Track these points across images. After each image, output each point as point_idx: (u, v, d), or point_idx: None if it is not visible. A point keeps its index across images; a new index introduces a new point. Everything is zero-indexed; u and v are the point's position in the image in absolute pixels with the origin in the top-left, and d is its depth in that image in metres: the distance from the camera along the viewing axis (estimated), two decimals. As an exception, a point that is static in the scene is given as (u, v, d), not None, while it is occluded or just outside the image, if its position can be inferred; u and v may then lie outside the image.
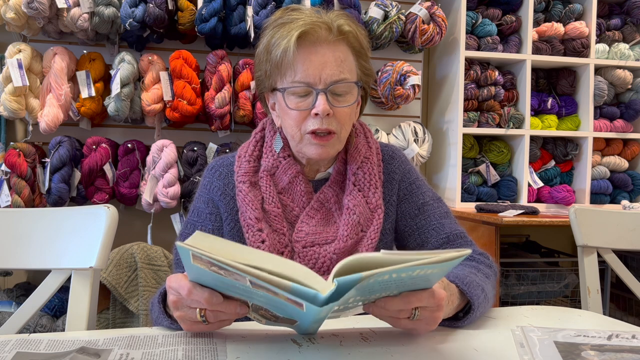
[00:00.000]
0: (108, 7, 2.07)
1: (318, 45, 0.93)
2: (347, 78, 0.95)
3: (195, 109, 2.15)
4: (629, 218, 1.31)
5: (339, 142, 0.99)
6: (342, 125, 0.97)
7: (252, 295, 0.67)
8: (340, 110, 0.95)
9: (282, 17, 0.97)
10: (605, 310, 2.37)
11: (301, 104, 0.95)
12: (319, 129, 0.94)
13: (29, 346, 0.72)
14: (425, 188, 1.10)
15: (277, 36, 0.95)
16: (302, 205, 1.02)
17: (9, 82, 2.01)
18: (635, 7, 2.73)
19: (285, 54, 0.92)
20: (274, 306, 0.69)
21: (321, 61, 0.93)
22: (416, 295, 0.71)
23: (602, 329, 0.86)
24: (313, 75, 0.93)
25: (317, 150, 0.97)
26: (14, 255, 1.03)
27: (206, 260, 0.62)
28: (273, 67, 0.96)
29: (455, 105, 2.51)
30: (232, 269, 0.60)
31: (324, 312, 0.65)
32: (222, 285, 0.68)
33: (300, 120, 0.96)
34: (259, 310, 0.73)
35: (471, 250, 0.67)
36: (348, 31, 0.96)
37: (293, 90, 0.95)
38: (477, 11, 2.57)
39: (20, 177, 2.05)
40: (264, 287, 0.62)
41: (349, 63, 0.96)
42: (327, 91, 0.93)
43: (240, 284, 0.64)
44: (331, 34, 0.94)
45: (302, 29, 0.92)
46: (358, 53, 0.99)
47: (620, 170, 2.73)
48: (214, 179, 1.06)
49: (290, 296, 0.61)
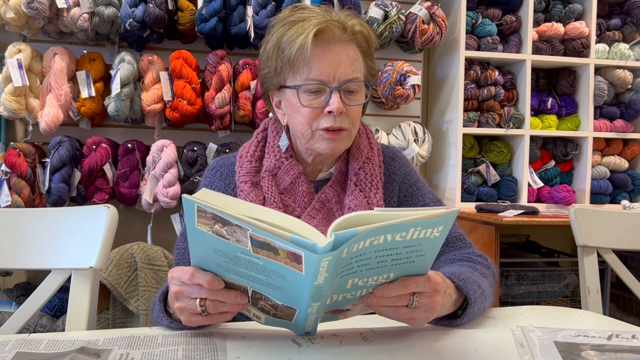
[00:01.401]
0: (108, 7, 2.07)
1: (333, 43, 0.94)
2: (359, 77, 0.97)
3: (195, 109, 2.15)
4: (629, 218, 1.31)
5: (349, 139, 1.00)
6: (353, 123, 0.99)
7: (252, 269, 0.68)
8: (353, 109, 0.97)
9: (293, 14, 0.98)
10: (605, 310, 2.37)
11: (314, 101, 0.96)
12: (332, 126, 0.95)
13: (29, 346, 0.72)
14: (426, 190, 1.10)
15: (290, 33, 0.95)
16: (304, 205, 1.02)
17: (9, 82, 2.01)
18: (635, 7, 2.73)
19: (302, 50, 0.93)
20: (274, 286, 0.69)
21: (336, 59, 0.94)
22: (412, 279, 0.73)
23: (602, 329, 0.86)
24: (327, 74, 0.94)
25: (329, 144, 0.97)
26: (14, 255, 1.03)
27: (210, 216, 0.63)
28: (285, 64, 0.96)
29: (455, 105, 2.51)
30: (234, 220, 0.62)
31: (323, 268, 0.64)
32: (223, 265, 0.69)
33: (312, 117, 0.96)
34: (258, 302, 0.74)
35: (460, 208, 0.70)
36: (359, 31, 0.97)
37: (306, 88, 0.95)
38: (477, 11, 2.57)
39: (20, 177, 2.05)
40: (265, 241, 0.63)
41: (360, 62, 0.98)
42: (341, 89, 0.95)
43: (241, 249, 0.65)
44: (345, 34, 0.95)
45: (318, 27, 0.92)
46: (366, 53, 1.00)
47: (620, 170, 2.73)
48: (215, 179, 1.06)
49: (290, 246, 0.62)
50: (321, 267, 0.63)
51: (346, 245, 0.62)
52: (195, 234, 0.67)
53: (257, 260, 0.66)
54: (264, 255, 0.65)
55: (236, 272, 0.70)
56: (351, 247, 0.64)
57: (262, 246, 0.64)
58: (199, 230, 0.66)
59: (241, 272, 0.69)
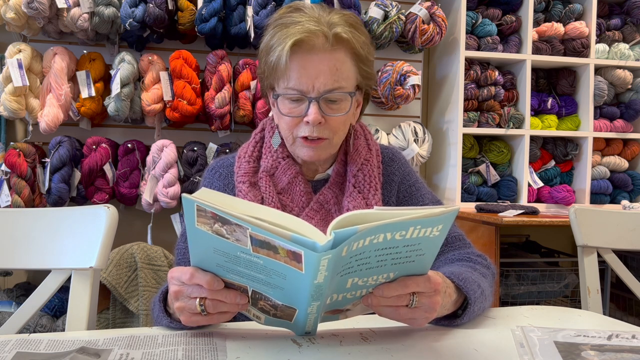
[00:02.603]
0: (108, 7, 2.07)
1: (313, 53, 0.92)
2: (342, 87, 0.94)
3: (195, 109, 2.15)
4: (629, 218, 1.31)
5: (330, 146, 0.99)
6: (335, 132, 0.97)
7: (252, 268, 0.68)
8: (334, 119, 0.95)
9: (283, 17, 0.96)
10: (605, 310, 2.37)
11: (294, 110, 0.95)
12: (309, 136, 0.95)
13: (29, 346, 0.72)
14: (425, 190, 1.10)
15: (274, 39, 0.94)
16: (301, 205, 1.02)
17: (9, 82, 2.01)
18: (635, 7, 2.73)
19: (279, 61, 0.92)
20: (274, 285, 0.69)
21: (315, 70, 0.92)
22: (412, 279, 0.73)
23: (602, 329, 0.86)
24: (306, 84, 0.92)
25: (308, 152, 0.97)
26: (14, 255, 1.03)
27: (210, 215, 0.63)
28: (270, 69, 0.96)
29: (455, 105, 2.51)
30: (234, 218, 0.62)
31: (323, 267, 0.64)
32: (223, 265, 0.69)
33: (292, 125, 0.96)
34: (258, 302, 0.74)
35: (459, 207, 0.70)
36: (347, 39, 0.94)
37: (287, 96, 0.95)
38: (477, 11, 2.57)
39: (20, 177, 2.05)
40: (265, 240, 0.63)
41: (346, 71, 0.95)
42: (320, 99, 0.93)
43: (241, 248, 0.65)
44: (327, 42, 0.92)
45: (296, 37, 0.90)
46: (358, 58, 0.97)
47: (620, 170, 2.73)
48: (215, 180, 1.06)
49: (290, 245, 0.62)
50: (321, 266, 0.63)
51: (346, 243, 0.62)
52: (195, 234, 0.67)
53: (257, 259, 0.66)
54: (263, 254, 0.65)
55: (236, 271, 0.70)
56: (351, 246, 0.64)
57: (262, 245, 0.64)
58: (198, 230, 0.66)
59: (241, 271, 0.69)
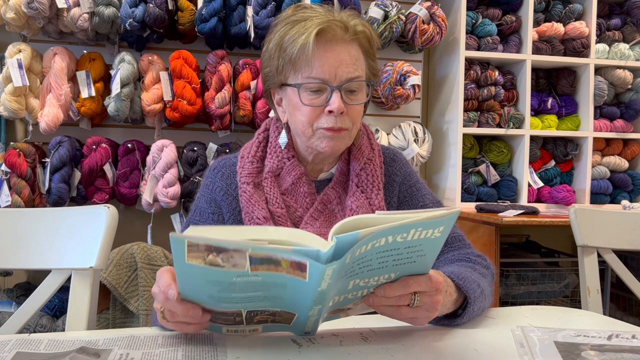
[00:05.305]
0: (108, 7, 2.07)
1: (335, 43, 0.95)
2: (361, 76, 0.97)
3: (195, 109, 2.15)
4: (629, 218, 1.31)
5: (349, 138, 1.00)
6: (354, 122, 0.99)
7: (249, 289, 0.66)
8: (353, 108, 0.97)
9: (295, 14, 0.98)
10: (605, 310, 2.37)
11: (315, 100, 0.96)
12: (332, 127, 0.95)
13: (29, 346, 0.72)
14: (425, 191, 1.11)
15: (292, 32, 0.96)
16: (306, 206, 1.02)
17: (9, 82, 2.01)
18: (635, 7, 2.73)
19: (304, 50, 0.93)
20: (272, 297, 0.69)
21: (337, 59, 0.94)
22: (414, 279, 0.73)
23: (602, 329, 0.86)
24: (329, 72, 0.94)
25: (329, 143, 0.97)
26: (14, 255, 1.03)
27: (203, 249, 0.61)
28: (286, 63, 0.97)
29: (455, 105, 2.51)
30: (231, 244, 0.61)
31: (327, 275, 0.63)
32: (216, 295, 0.67)
33: (313, 116, 0.96)
34: (253, 319, 0.73)
35: (460, 209, 0.70)
36: (361, 31, 0.97)
37: (307, 86, 0.95)
38: (477, 11, 2.57)
39: (20, 177, 2.05)
40: (265, 256, 0.62)
41: (361, 62, 0.98)
42: (342, 89, 0.95)
43: (238, 273, 0.63)
44: (347, 33, 0.95)
45: (320, 27, 0.93)
46: (367, 53, 1.00)
47: (620, 170, 2.73)
48: (217, 179, 1.06)
49: (293, 257, 0.61)
50: (326, 275, 0.63)
51: (349, 252, 0.62)
52: (185, 270, 0.64)
53: (255, 277, 0.65)
54: (263, 271, 0.64)
55: (229, 299, 0.68)
56: (354, 253, 0.64)
57: (262, 262, 0.63)
58: (189, 265, 0.63)
59: (235, 297, 0.68)
